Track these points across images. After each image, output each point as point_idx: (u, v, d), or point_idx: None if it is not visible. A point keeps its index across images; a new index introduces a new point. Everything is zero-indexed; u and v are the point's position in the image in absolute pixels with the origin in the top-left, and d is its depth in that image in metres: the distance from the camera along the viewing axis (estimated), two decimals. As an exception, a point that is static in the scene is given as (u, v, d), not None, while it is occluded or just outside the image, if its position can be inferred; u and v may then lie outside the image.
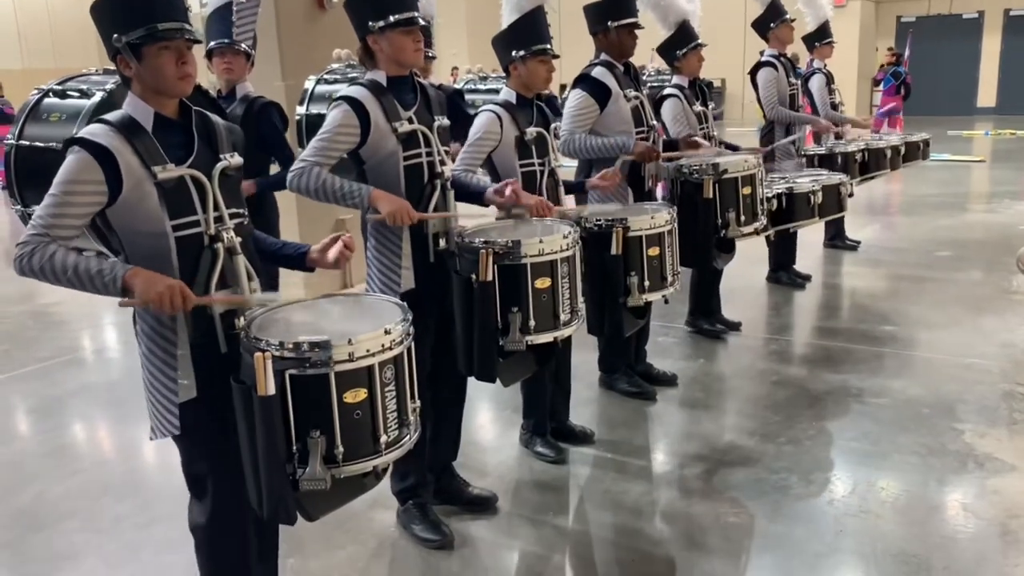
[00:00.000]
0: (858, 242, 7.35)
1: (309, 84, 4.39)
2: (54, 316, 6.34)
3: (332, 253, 2.28)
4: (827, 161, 5.72)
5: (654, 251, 3.36)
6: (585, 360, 4.28)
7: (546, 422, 3.71)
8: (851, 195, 5.79)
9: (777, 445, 3.72)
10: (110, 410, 4.55)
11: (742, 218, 4.02)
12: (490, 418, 4.23)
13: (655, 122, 4.15)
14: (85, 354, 5.65)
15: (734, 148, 4.62)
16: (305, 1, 6.16)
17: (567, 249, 2.80)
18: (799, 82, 6.04)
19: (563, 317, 2.82)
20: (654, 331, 4.69)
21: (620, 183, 3.73)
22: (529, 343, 2.76)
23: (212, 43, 3.86)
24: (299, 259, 2.36)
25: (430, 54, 3.96)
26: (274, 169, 3.98)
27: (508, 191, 3.04)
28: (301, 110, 4.21)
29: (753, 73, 5.79)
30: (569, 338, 3.53)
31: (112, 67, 2.23)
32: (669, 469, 3.62)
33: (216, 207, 2.12)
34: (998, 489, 3.28)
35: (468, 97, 5.57)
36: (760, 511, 3.19)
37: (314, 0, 6.18)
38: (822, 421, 3.95)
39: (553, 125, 3.54)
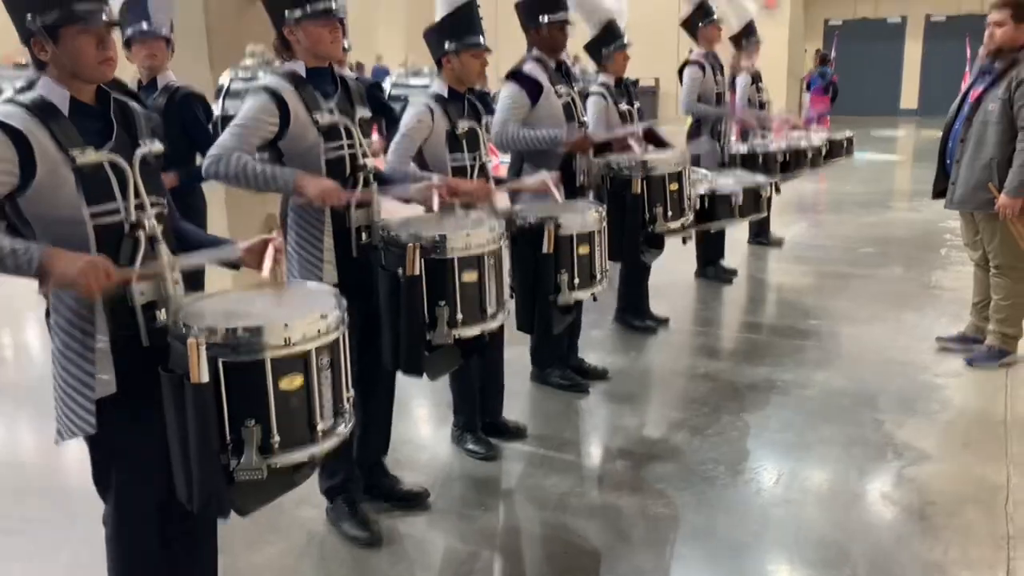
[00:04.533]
0: (782, 239, 7.51)
1: (224, 80, 4.26)
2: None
3: (266, 265, 2.19)
4: (750, 160, 5.83)
5: (584, 249, 3.37)
6: (518, 355, 4.28)
7: (476, 419, 3.70)
8: (778, 192, 5.92)
9: (704, 437, 3.78)
10: (28, 410, 4.38)
11: (669, 213, 4.07)
12: (423, 414, 4.20)
13: (586, 118, 4.17)
14: (2, 351, 5.44)
15: (661, 142, 4.65)
16: (235, -8, 6.01)
17: (493, 243, 2.80)
18: (724, 81, 6.13)
19: (490, 310, 2.81)
20: (586, 326, 4.72)
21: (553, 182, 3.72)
22: (456, 337, 2.74)
23: (130, 30, 3.74)
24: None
25: (345, 45, 3.91)
26: (199, 161, 3.88)
27: (433, 195, 2.95)
28: (216, 108, 4.08)
29: (681, 72, 5.87)
30: (502, 333, 3.55)
31: (23, 60, 2.14)
32: (598, 463, 3.65)
33: (137, 194, 2.04)
34: (915, 477, 3.38)
35: (397, 92, 5.52)
36: (687, 503, 3.23)
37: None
38: (748, 413, 4.03)
39: (485, 119, 3.53)
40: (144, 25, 3.73)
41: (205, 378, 1.83)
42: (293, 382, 1.93)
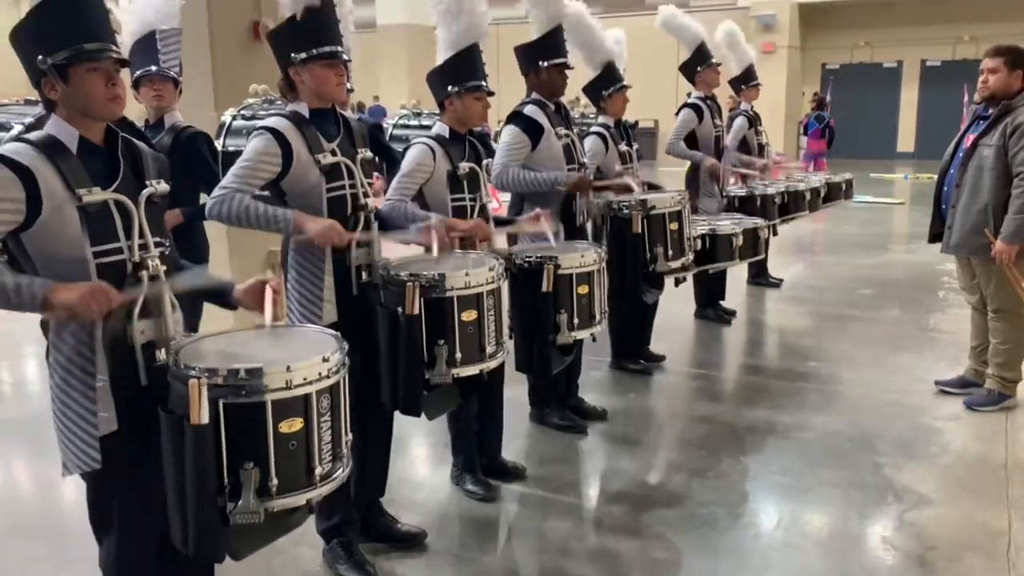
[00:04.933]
0: (780, 280, 7.54)
1: (226, 118, 4.31)
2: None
3: (267, 311, 2.19)
4: (748, 202, 5.86)
5: (583, 289, 3.38)
6: (517, 394, 4.28)
7: (475, 459, 3.68)
8: (775, 235, 5.95)
9: (704, 480, 3.76)
10: (25, 446, 4.36)
11: (670, 253, 4.09)
12: (422, 453, 4.18)
13: (586, 160, 4.22)
14: (1, 387, 5.43)
15: (657, 188, 4.71)
16: (240, 31, 6.10)
17: (492, 282, 2.81)
18: (723, 124, 6.20)
19: (489, 349, 2.82)
20: (586, 365, 4.72)
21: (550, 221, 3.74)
22: (455, 376, 2.74)
23: (139, 71, 3.80)
24: (223, 296, 2.30)
25: (348, 87, 3.96)
26: (203, 200, 3.91)
27: (432, 236, 2.96)
28: (217, 145, 4.11)
29: (679, 113, 5.94)
30: (501, 372, 3.54)
31: (33, 97, 2.17)
32: (598, 505, 3.62)
33: (141, 234, 2.07)
34: (915, 521, 3.36)
35: (400, 132, 5.58)
36: (687, 546, 3.20)
37: (250, 30, 6.14)
38: (748, 456, 4.01)
39: (485, 161, 3.57)
40: (153, 66, 3.79)
41: (205, 419, 1.82)
42: (293, 425, 1.93)
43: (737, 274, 7.06)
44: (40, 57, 1.97)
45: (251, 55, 6.09)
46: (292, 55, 2.74)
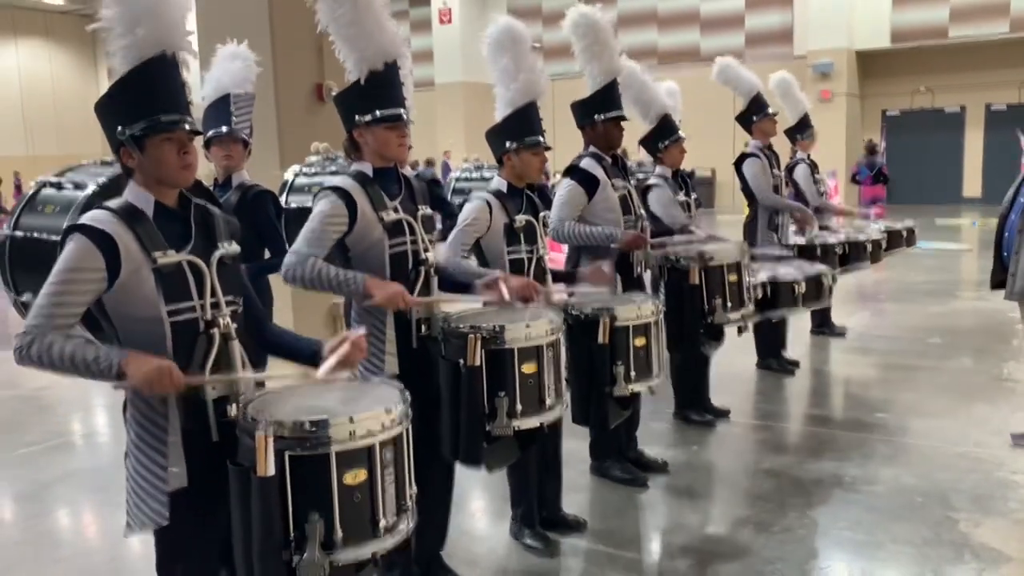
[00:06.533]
0: (845, 329, 7.39)
1: (288, 176, 4.43)
2: (42, 400, 6.29)
3: (344, 350, 2.22)
4: (807, 252, 5.79)
5: (640, 341, 3.37)
6: (577, 447, 4.25)
7: (534, 512, 3.65)
8: (834, 282, 5.84)
9: (769, 535, 3.67)
10: (96, 496, 4.48)
11: (728, 304, 4.06)
12: (483, 507, 4.17)
13: (642, 211, 4.24)
14: (73, 439, 5.60)
15: (718, 240, 4.70)
16: (305, 92, 6.34)
17: (552, 334, 2.83)
18: (783, 173, 6.17)
19: (548, 402, 2.82)
20: (645, 417, 4.67)
21: (609, 276, 3.76)
22: (516, 428, 2.75)
23: (211, 132, 3.97)
24: (311, 357, 2.33)
25: (407, 144, 4.06)
26: (266, 255, 4.03)
27: (500, 287, 3.02)
28: (281, 201, 4.22)
29: (738, 165, 5.93)
30: (559, 424, 3.54)
31: (109, 158, 2.29)
32: (660, 560, 3.56)
33: (213, 293, 2.15)
34: (994, 581, 3.23)
35: (461, 185, 5.67)
36: (753, 603, 3.12)
37: (314, 92, 6.37)
38: (814, 510, 3.91)
39: (542, 214, 3.61)
40: (224, 128, 3.96)
41: (271, 471, 1.86)
42: (357, 476, 1.95)
43: (800, 324, 6.95)
44: (120, 128, 2.09)
45: (315, 115, 6.31)
46: (356, 117, 2.84)
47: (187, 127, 2.12)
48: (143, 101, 2.08)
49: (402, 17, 25.99)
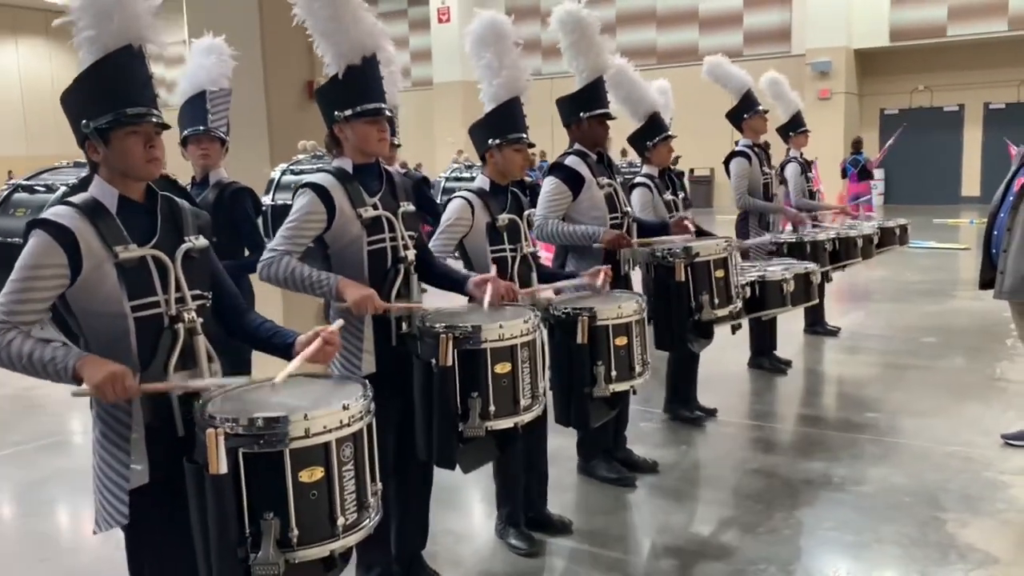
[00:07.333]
0: (838, 328, 7.35)
1: (275, 174, 4.41)
2: (30, 399, 6.26)
3: (311, 350, 2.22)
4: (797, 249, 5.75)
5: (621, 341, 3.33)
6: (565, 445, 4.23)
7: (519, 512, 3.63)
8: (829, 280, 5.81)
9: (756, 536, 3.64)
10: (82, 495, 4.40)
11: (716, 301, 4.01)
12: (469, 505, 4.14)
13: (628, 208, 4.21)
14: (60, 438, 5.57)
15: (707, 234, 4.67)
16: (295, 90, 6.31)
17: (527, 334, 2.79)
18: (772, 171, 6.14)
19: (523, 402, 2.78)
20: (635, 417, 4.64)
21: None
22: (489, 429, 2.72)
23: (187, 130, 3.94)
24: (285, 349, 2.31)
25: (395, 142, 4.03)
26: (247, 253, 4.00)
27: (486, 291, 2.98)
28: (267, 199, 4.20)
29: (727, 162, 5.91)
30: (545, 423, 3.51)
31: (82, 160, 2.26)
32: (646, 561, 3.53)
33: (178, 288, 2.12)
34: (980, 582, 3.20)
35: (451, 185, 5.64)
36: (735, 604, 3.10)
37: (305, 89, 6.34)
38: (801, 510, 3.88)
39: (527, 212, 3.58)
40: (201, 126, 3.92)
41: (224, 469, 1.84)
42: (313, 474, 1.92)
43: (793, 323, 6.92)
44: (84, 121, 2.06)
45: (306, 113, 6.26)
46: (336, 112, 2.82)
47: (153, 120, 2.09)
48: (108, 94, 2.06)
49: (400, 16, 26.01)
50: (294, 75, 6.27)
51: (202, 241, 2.23)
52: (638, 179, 4.68)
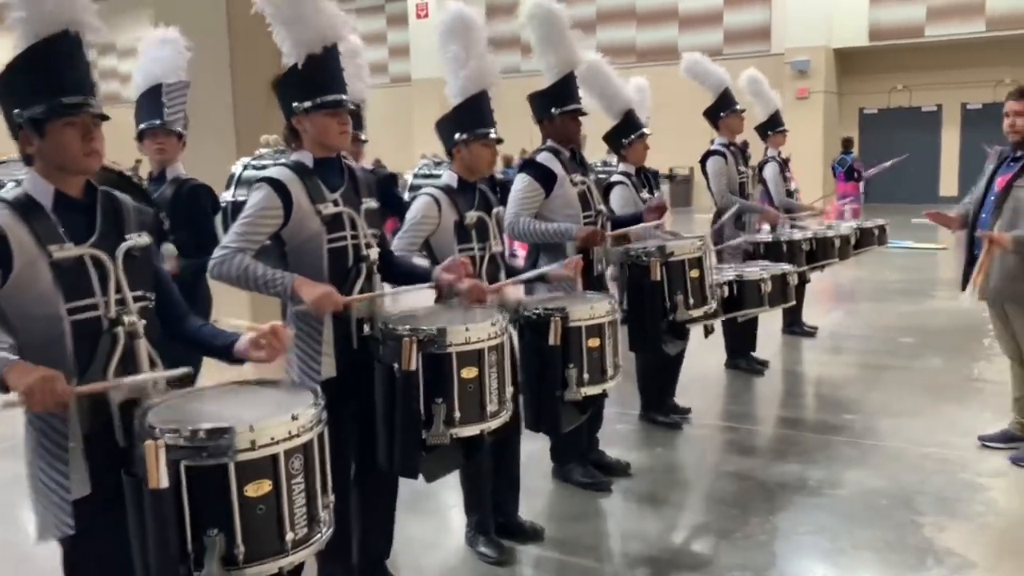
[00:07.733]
0: (816, 328, 7.30)
1: (236, 169, 4.29)
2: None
3: (258, 351, 2.12)
4: (773, 249, 5.69)
5: (594, 342, 3.23)
6: (538, 449, 4.13)
7: (489, 519, 3.52)
8: (807, 282, 5.75)
9: (731, 541, 3.56)
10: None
11: (690, 301, 3.93)
12: (437, 512, 4.03)
13: (602, 206, 4.11)
14: (16, 442, 5.40)
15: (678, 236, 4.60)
16: (263, 84, 6.13)
17: (495, 337, 2.69)
18: (749, 171, 6.07)
19: (491, 408, 2.68)
20: (610, 419, 4.56)
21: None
22: (454, 436, 2.62)
23: (143, 124, 3.80)
24: (226, 351, 2.20)
25: (361, 137, 3.91)
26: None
27: (461, 270, 2.92)
28: (227, 195, 4.08)
29: (703, 162, 5.84)
30: (518, 427, 3.41)
31: None
32: (617, 569, 3.44)
33: (118, 289, 2.00)
34: (958, 588, 3.14)
35: (418, 182, 5.52)
36: (709, 614, 3.01)
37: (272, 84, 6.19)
38: (777, 515, 3.81)
39: (496, 210, 3.48)
40: (157, 120, 3.78)
41: (164, 483, 1.73)
42: (260, 488, 1.82)
43: (771, 324, 6.87)
44: (16, 111, 1.94)
45: (274, 108, 6.10)
46: (295, 104, 2.71)
47: (91, 110, 1.97)
48: (42, 82, 1.93)
49: (378, 11, 25.74)
50: (262, 69, 6.07)
51: (145, 239, 2.11)
52: (615, 177, 4.60)
